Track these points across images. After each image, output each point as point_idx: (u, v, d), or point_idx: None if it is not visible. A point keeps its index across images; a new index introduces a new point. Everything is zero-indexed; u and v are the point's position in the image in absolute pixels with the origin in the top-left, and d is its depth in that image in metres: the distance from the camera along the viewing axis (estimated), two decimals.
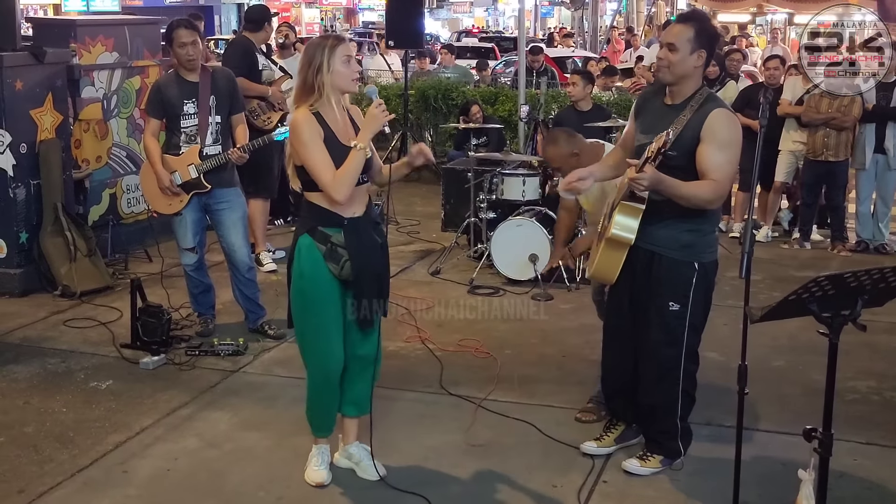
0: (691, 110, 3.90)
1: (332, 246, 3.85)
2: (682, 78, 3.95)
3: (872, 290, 2.95)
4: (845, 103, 7.95)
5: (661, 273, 4.03)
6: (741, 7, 23.57)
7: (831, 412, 3.11)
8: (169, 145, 5.79)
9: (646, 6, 32.86)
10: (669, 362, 4.10)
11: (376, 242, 3.97)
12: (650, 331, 4.11)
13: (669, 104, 4.02)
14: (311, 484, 4.11)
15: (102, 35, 7.70)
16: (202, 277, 6.00)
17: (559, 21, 46.44)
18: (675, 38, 3.92)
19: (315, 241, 3.87)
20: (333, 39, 3.87)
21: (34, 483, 4.12)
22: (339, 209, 3.84)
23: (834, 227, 8.40)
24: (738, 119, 4.03)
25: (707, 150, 3.83)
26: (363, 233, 3.90)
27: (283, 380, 5.28)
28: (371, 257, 3.94)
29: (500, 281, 7.13)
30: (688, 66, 3.92)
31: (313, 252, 3.87)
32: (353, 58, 3.90)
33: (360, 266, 3.87)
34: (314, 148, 3.79)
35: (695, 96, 3.95)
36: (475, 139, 8.06)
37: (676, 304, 4.02)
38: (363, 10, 50.13)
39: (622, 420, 4.45)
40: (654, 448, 4.26)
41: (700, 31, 3.93)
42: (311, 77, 3.81)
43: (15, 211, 6.80)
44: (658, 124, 3.96)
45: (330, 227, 3.86)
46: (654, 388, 4.17)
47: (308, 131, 3.80)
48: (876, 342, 5.75)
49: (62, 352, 5.72)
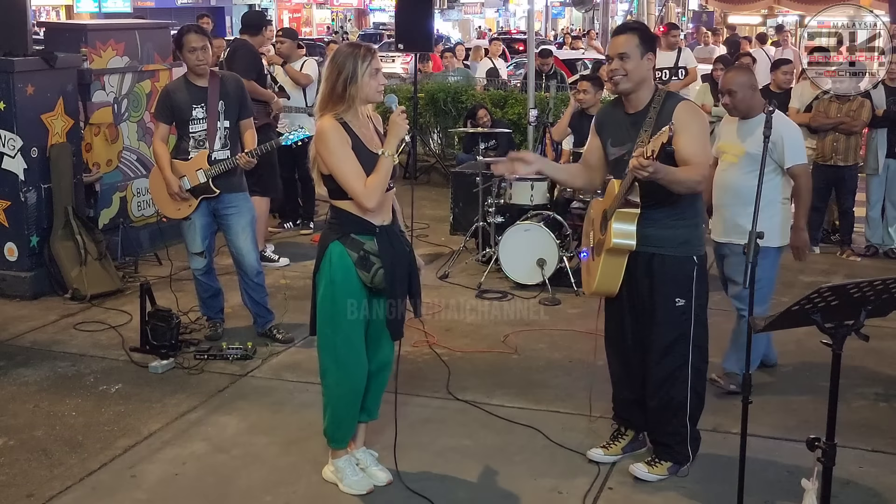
0: (655, 112, 4.03)
1: (365, 254, 3.87)
2: (639, 83, 4.08)
3: (876, 301, 2.95)
4: (854, 108, 7.93)
5: (663, 271, 4.09)
6: (752, 8, 23.55)
7: (835, 422, 3.12)
8: (178, 150, 5.82)
9: (657, 7, 32.81)
10: (678, 360, 4.15)
11: (405, 251, 4.01)
12: (657, 330, 4.15)
13: (632, 113, 4.12)
14: (361, 493, 4.08)
15: (113, 39, 7.75)
16: (211, 281, 6.03)
17: (570, 22, 46.42)
18: (625, 47, 4.05)
19: (346, 248, 3.87)
20: (364, 50, 3.88)
21: (43, 487, 4.16)
22: (370, 216, 3.87)
23: (843, 232, 8.38)
24: (699, 108, 4.31)
25: (684, 141, 3.93)
26: (395, 240, 3.96)
27: (292, 384, 5.31)
28: (402, 266, 3.98)
29: (508, 285, 7.15)
30: (643, 70, 4.06)
31: (345, 259, 3.87)
32: (381, 70, 3.92)
33: (393, 274, 3.91)
34: (343, 156, 3.81)
35: (654, 99, 4.09)
36: (484, 143, 8.07)
37: (682, 299, 4.10)
38: (374, 11, 50.20)
39: (631, 428, 4.46)
40: (663, 453, 4.27)
41: (644, 37, 4.09)
42: (340, 86, 3.83)
43: (26, 214, 6.85)
44: (627, 134, 4.10)
45: (362, 235, 3.88)
46: (663, 387, 4.19)
47: (336, 139, 3.82)
48: (882, 349, 5.74)
49: (72, 355, 5.75)
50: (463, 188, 8.48)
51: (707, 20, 25.04)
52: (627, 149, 4.05)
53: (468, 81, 13.08)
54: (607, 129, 4.26)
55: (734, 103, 5.10)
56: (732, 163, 5.11)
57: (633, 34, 4.08)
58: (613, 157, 4.18)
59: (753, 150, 4.89)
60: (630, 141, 4.06)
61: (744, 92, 5.07)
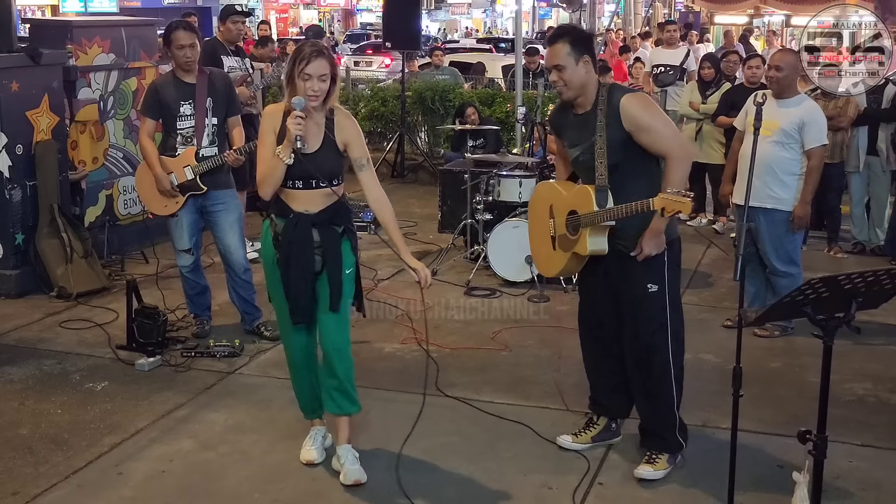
0: (602, 112, 4.06)
1: (276, 234, 4.10)
2: (581, 87, 4.11)
3: (866, 293, 2.95)
4: (840, 104, 7.95)
5: (634, 261, 4.10)
6: (738, 8, 23.58)
7: (825, 414, 3.12)
8: (165, 147, 5.78)
9: (643, 8, 32.89)
10: (657, 345, 4.16)
11: (311, 240, 4.03)
12: (633, 318, 4.18)
13: (582, 113, 4.17)
14: (302, 462, 4.29)
15: (99, 36, 7.70)
16: (198, 279, 6.00)
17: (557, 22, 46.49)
18: (558, 59, 4.07)
19: (268, 226, 4.15)
20: (304, 53, 3.92)
21: (29, 485, 4.12)
22: (291, 203, 4.04)
23: (829, 230, 8.41)
24: (641, 93, 4.30)
25: (650, 138, 4.02)
26: (301, 228, 4.02)
27: (279, 381, 5.27)
28: (299, 252, 4.02)
29: (497, 283, 7.13)
30: (580, 75, 4.08)
31: (267, 236, 4.15)
32: (318, 76, 3.90)
33: (285, 257, 4.04)
34: (263, 141, 4.05)
35: (598, 97, 4.10)
36: (472, 141, 8.06)
37: (654, 285, 4.12)
38: (361, 12, 50.16)
39: (605, 416, 4.51)
40: (658, 445, 4.27)
41: (574, 41, 4.08)
42: (285, 82, 4.00)
43: (11, 212, 6.79)
44: (580, 134, 4.15)
45: (279, 217, 4.10)
46: (646, 375, 4.21)
47: (266, 124, 4.06)
48: (872, 344, 5.75)
49: (58, 353, 5.71)
50: (451, 186, 8.46)
51: (694, 20, 25.09)
52: (582, 149, 4.13)
53: (455, 80, 13.09)
54: (563, 130, 4.32)
55: (777, 78, 5.77)
56: (766, 136, 5.53)
57: (562, 43, 4.07)
58: (572, 158, 4.25)
59: (787, 126, 5.72)
60: (583, 142, 4.12)
61: (788, 71, 5.78)
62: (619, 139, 4.02)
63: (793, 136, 5.74)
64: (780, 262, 5.84)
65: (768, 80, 5.89)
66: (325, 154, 4.03)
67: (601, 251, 4.11)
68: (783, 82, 5.79)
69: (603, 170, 4.03)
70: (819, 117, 5.83)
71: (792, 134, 5.74)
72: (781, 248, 5.84)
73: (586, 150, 4.09)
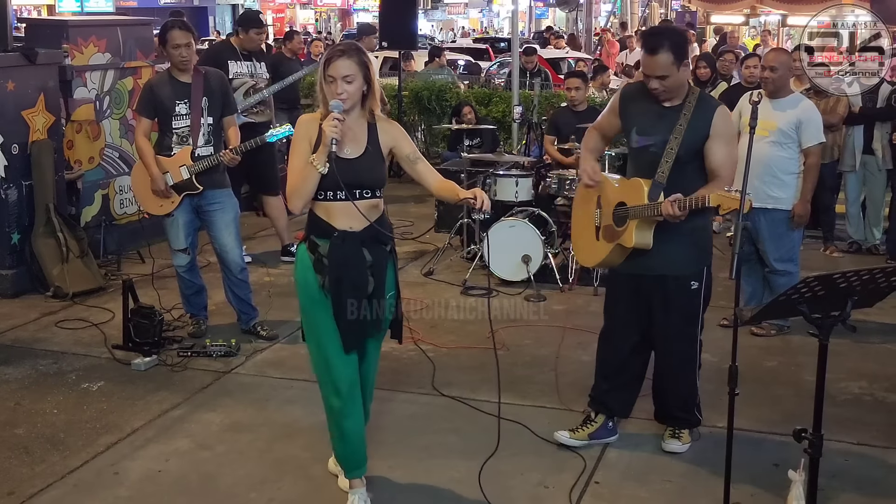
0: (689, 112, 4.09)
1: (319, 256, 3.72)
2: (680, 89, 4.16)
3: (862, 291, 2.96)
4: (831, 103, 7.96)
5: (680, 260, 4.22)
6: (735, 8, 23.55)
7: (821, 413, 3.12)
8: (161, 146, 5.78)
9: (640, 7, 32.91)
10: (693, 341, 4.31)
11: (363, 259, 3.72)
12: (674, 314, 4.28)
13: (667, 106, 4.16)
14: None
15: (95, 36, 7.68)
16: (194, 278, 5.99)
17: (554, 22, 46.48)
18: (662, 70, 4.06)
19: (308, 250, 3.77)
20: (326, 56, 3.69)
21: (25, 485, 4.11)
22: (332, 221, 3.69)
23: (824, 229, 8.41)
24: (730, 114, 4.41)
25: (717, 146, 4.10)
26: (350, 247, 3.70)
27: (276, 381, 5.28)
28: (352, 273, 3.70)
29: (494, 282, 7.13)
30: (681, 79, 4.14)
31: (305, 260, 3.77)
32: (341, 77, 3.63)
33: (335, 279, 3.68)
34: (295, 150, 3.72)
35: (689, 96, 4.15)
36: (468, 140, 8.05)
37: (696, 281, 4.23)
38: (357, 12, 50.10)
39: (604, 414, 4.52)
40: (683, 423, 4.46)
41: (675, 49, 4.06)
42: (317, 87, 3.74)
43: (7, 212, 6.78)
44: (657, 126, 4.15)
45: (320, 238, 3.73)
46: (680, 370, 4.36)
47: (299, 133, 3.75)
48: (867, 342, 5.76)
49: (54, 353, 5.70)
50: None
51: (691, 20, 25.08)
52: (654, 140, 4.12)
53: (452, 79, 13.10)
54: (634, 116, 4.27)
55: (772, 78, 5.77)
56: (763, 136, 5.58)
57: (665, 52, 4.02)
58: (637, 146, 4.22)
59: (785, 126, 5.74)
60: (658, 134, 4.11)
61: (783, 70, 5.80)
62: (699, 141, 4.08)
63: (790, 136, 5.75)
64: (780, 260, 5.86)
65: (762, 80, 5.91)
66: (366, 160, 3.71)
67: (646, 245, 4.12)
68: (777, 82, 5.81)
69: (666, 168, 4.06)
70: (815, 116, 5.87)
71: (790, 134, 5.76)
72: (782, 246, 5.86)
73: (659, 144, 4.10)
